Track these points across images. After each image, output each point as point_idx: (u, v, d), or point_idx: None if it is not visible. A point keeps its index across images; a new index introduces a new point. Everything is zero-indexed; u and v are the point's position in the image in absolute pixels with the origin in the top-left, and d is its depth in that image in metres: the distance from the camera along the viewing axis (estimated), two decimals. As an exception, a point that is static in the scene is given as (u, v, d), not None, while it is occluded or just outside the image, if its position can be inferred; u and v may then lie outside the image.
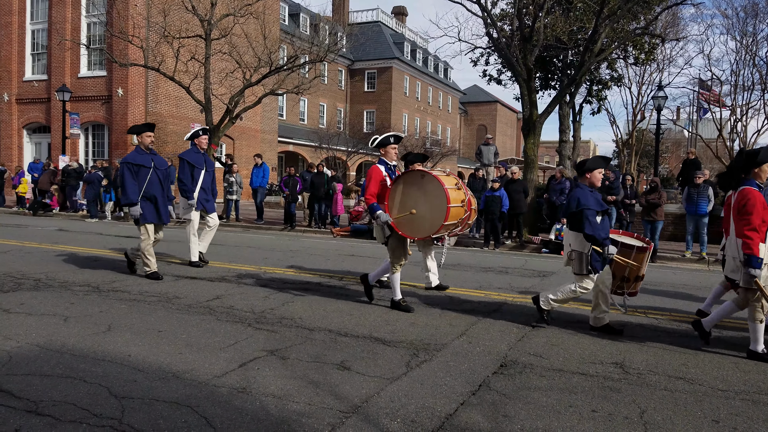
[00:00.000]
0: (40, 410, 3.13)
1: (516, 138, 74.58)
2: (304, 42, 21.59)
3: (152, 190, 7.32)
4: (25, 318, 5.10)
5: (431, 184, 5.90)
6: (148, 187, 7.28)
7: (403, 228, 5.94)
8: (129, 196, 7.16)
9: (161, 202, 7.40)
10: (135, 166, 7.26)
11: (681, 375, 4.17)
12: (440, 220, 5.81)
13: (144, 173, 7.27)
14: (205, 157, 8.51)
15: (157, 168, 7.42)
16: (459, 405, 3.44)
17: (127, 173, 7.21)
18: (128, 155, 7.44)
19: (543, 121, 15.12)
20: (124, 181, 7.20)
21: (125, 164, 7.27)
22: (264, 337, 4.75)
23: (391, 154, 6.33)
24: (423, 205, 5.89)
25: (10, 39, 28.04)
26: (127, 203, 7.21)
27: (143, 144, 7.40)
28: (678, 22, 31.66)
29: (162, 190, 7.46)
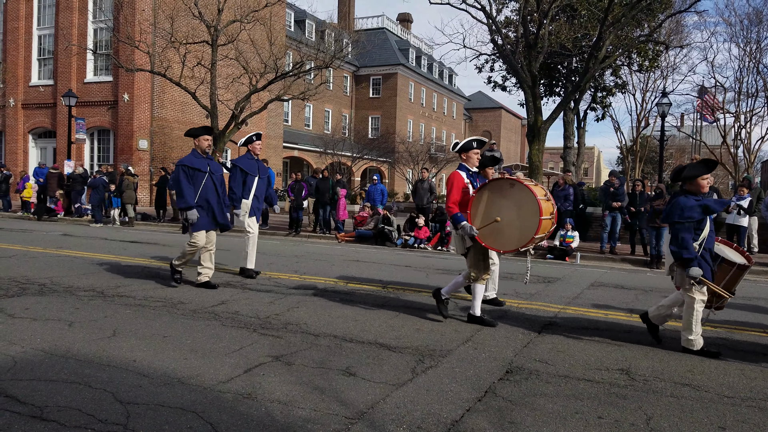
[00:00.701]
0: (45, 416, 3.12)
1: (520, 144, 74.60)
2: (310, 48, 21.69)
3: (207, 196, 7.01)
4: (30, 323, 5.11)
5: (522, 194, 5.42)
6: (203, 192, 6.97)
7: (487, 240, 5.55)
8: (186, 199, 6.82)
9: (216, 208, 7.10)
10: (191, 170, 6.94)
11: (687, 381, 4.15)
12: (531, 233, 5.36)
13: (200, 177, 6.98)
14: (258, 163, 8.16)
15: (212, 173, 7.12)
16: (465, 411, 3.42)
17: (183, 176, 6.89)
18: (184, 158, 7.13)
19: (547, 127, 15.13)
20: (180, 185, 6.85)
21: (181, 167, 6.94)
22: (269, 342, 4.75)
23: (474, 160, 5.92)
24: (512, 216, 5.45)
25: (17, 44, 28.24)
26: (184, 207, 6.85)
27: (200, 147, 7.10)
28: (682, 29, 31.72)
29: (217, 197, 7.15)
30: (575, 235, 13.10)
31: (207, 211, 7.02)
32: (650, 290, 8.43)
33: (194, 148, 7.13)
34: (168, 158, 25.53)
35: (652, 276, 10.37)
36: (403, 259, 11.34)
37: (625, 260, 12.46)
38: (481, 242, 5.55)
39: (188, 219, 6.85)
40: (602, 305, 7.00)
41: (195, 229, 6.95)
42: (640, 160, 40.11)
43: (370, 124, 48.91)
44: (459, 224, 5.54)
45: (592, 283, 8.86)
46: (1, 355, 4.15)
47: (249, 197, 7.96)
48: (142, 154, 25.75)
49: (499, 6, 21.17)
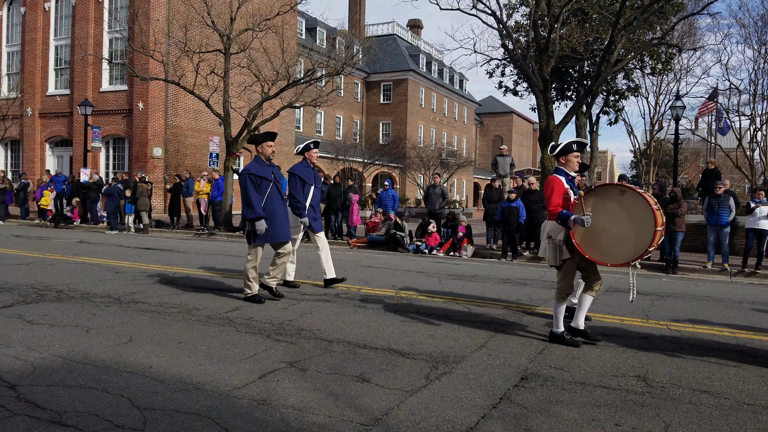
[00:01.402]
0: (63, 421, 3.16)
1: (532, 149, 74.35)
2: (322, 56, 21.80)
3: (273, 205, 6.70)
4: (48, 329, 5.17)
5: (635, 202, 4.96)
6: (268, 201, 6.66)
7: (591, 252, 5.09)
8: (256, 210, 6.51)
9: (281, 219, 6.78)
10: (258, 178, 6.61)
11: (705, 388, 4.11)
12: (645, 245, 4.89)
13: (265, 186, 6.65)
14: (314, 171, 7.85)
15: (277, 181, 6.79)
16: (480, 418, 3.41)
17: (251, 185, 6.56)
18: (249, 166, 6.73)
19: (560, 131, 15.08)
20: (248, 194, 6.52)
21: (248, 175, 6.58)
22: (283, 348, 4.77)
23: (573, 164, 5.44)
24: (622, 226, 4.99)
25: (34, 55, 28.65)
26: (253, 218, 6.52)
27: (263, 155, 6.77)
28: (695, 31, 31.50)
29: (283, 206, 6.88)
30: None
31: (272, 221, 6.69)
32: (666, 296, 8.36)
33: (257, 155, 6.82)
34: (182, 166, 25.72)
35: (668, 281, 10.29)
36: (416, 265, 11.34)
37: (640, 265, 12.35)
38: (584, 254, 5.11)
39: (256, 230, 6.53)
40: (618, 311, 6.95)
41: (258, 241, 6.67)
42: (654, 164, 39.83)
43: (381, 130, 48.98)
44: (569, 218, 5.00)
45: (607, 289, 8.79)
46: (20, 360, 4.20)
47: (306, 206, 7.71)
48: (156, 161, 25.97)
49: (509, 11, 21.19)
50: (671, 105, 21.29)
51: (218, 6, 19.60)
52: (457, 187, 55.97)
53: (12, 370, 3.97)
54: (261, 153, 6.80)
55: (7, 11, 30.47)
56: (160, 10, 25.45)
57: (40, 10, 28.59)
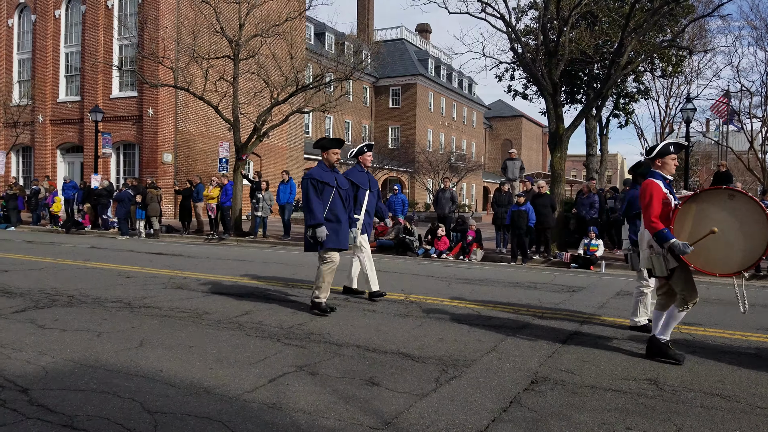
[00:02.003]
0: (75, 425, 3.18)
1: (542, 152, 74.15)
2: (330, 61, 21.86)
3: (336, 212, 6.49)
4: (60, 333, 5.20)
5: (747, 207, 4.65)
6: (331, 207, 6.46)
7: (696, 261, 4.75)
8: (316, 215, 6.28)
9: (344, 225, 6.56)
10: (320, 183, 6.43)
11: (717, 392, 4.07)
12: (758, 253, 4.59)
13: (328, 192, 6.46)
14: (369, 175, 7.58)
15: (339, 187, 6.61)
16: (490, 422, 3.40)
17: (312, 190, 6.38)
18: (312, 170, 6.57)
19: (569, 134, 15.03)
20: (309, 199, 6.34)
21: (309, 180, 6.42)
22: (293, 352, 4.77)
23: (671, 166, 5.10)
24: (731, 233, 4.68)
25: (45, 62, 28.94)
26: (314, 224, 6.27)
27: (328, 161, 6.59)
28: (705, 34, 31.29)
29: (345, 212, 6.64)
30: (599, 244, 12.96)
31: (337, 227, 6.47)
32: (677, 299, 8.28)
33: (321, 160, 6.66)
34: (192, 171, 25.87)
35: (678, 284, 10.20)
36: (425, 269, 11.32)
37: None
38: (690, 264, 4.76)
39: (317, 236, 6.28)
40: (628, 315, 6.89)
41: (329, 244, 6.40)
42: (664, 167, 39.55)
43: (390, 135, 49.05)
44: (668, 242, 4.68)
45: (618, 292, 8.74)
46: (32, 365, 4.23)
47: (361, 212, 7.44)
48: (166, 167, 26.13)
49: (518, 15, 21.16)
50: (682, 107, 21.19)
51: (227, 12, 19.72)
52: (466, 191, 55.90)
53: (24, 374, 4.00)
54: (326, 159, 6.60)
55: (18, 19, 30.81)
56: (169, 17, 25.64)
57: (50, 17, 28.89)
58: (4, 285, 7.85)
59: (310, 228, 6.32)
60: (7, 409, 3.36)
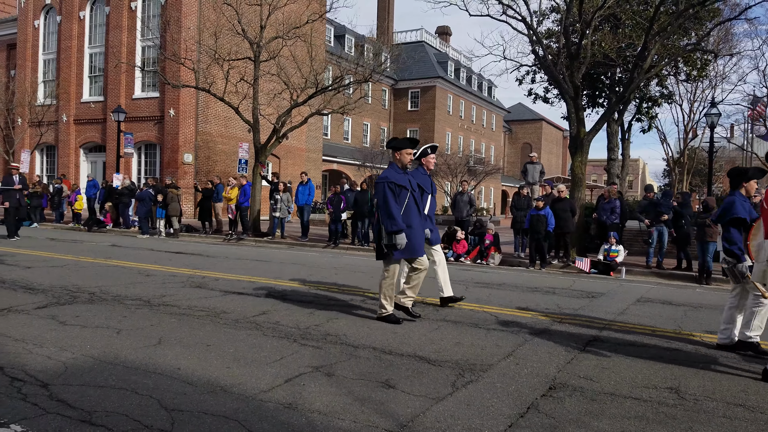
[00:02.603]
0: (93, 420, 3.20)
1: (562, 156, 73.60)
2: (350, 63, 21.92)
3: (410, 217, 6.11)
4: (80, 330, 5.26)
5: None
6: (405, 212, 6.08)
7: None
8: (398, 221, 5.90)
9: (419, 231, 6.22)
10: (397, 187, 6.05)
11: (740, 402, 3.99)
12: None
13: (404, 195, 6.10)
14: (430, 178, 7.15)
15: (413, 190, 6.23)
16: (507, 427, 3.36)
17: (390, 194, 5.99)
18: (387, 173, 6.17)
19: (591, 138, 14.88)
20: (388, 204, 5.93)
21: (386, 183, 6.03)
22: (309, 353, 4.77)
23: None
24: None
25: (70, 62, 29.40)
26: (394, 230, 5.88)
27: (401, 162, 6.22)
28: (731, 37, 30.80)
29: (419, 218, 6.29)
30: (620, 250, 12.81)
31: (411, 233, 6.08)
32: (700, 306, 8.16)
33: (393, 161, 6.29)
34: (212, 172, 26.08)
35: (701, 292, 10.05)
36: (443, 272, 11.26)
37: (673, 276, 12.11)
38: None
39: (396, 244, 5.90)
40: (649, 322, 6.81)
41: (397, 255, 6.07)
42: (687, 173, 39.06)
43: (409, 137, 49.02)
44: None
45: (639, 299, 8.63)
46: (53, 360, 4.28)
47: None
48: (187, 167, 26.38)
49: (540, 18, 21.04)
50: (706, 112, 20.90)
51: (248, 14, 19.85)
52: (485, 195, 55.67)
53: (45, 370, 4.05)
54: (399, 160, 6.23)
55: (44, 20, 31.35)
56: (191, 19, 25.91)
57: (75, 18, 29.35)
58: (27, 281, 7.97)
59: (390, 234, 5.91)
60: (28, 404, 3.40)
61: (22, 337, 4.93)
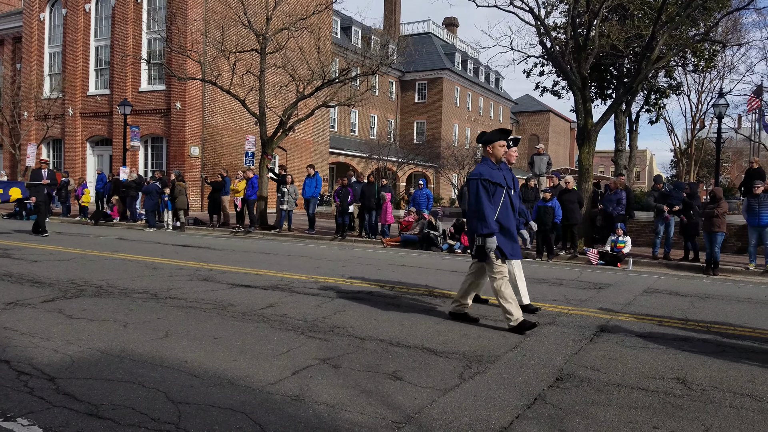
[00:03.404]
0: (100, 413, 3.21)
1: (569, 147, 73.29)
2: (357, 55, 21.88)
3: (507, 218, 5.58)
4: (87, 323, 5.29)
5: None
6: (502, 212, 5.53)
7: None
8: (490, 224, 5.35)
9: (512, 233, 5.65)
10: (492, 185, 5.49)
11: (747, 392, 3.96)
12: None
13: (499, 195, 5.52)
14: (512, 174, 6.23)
15: (509, 187, 5.68)
16: (514, 418, 3.36)
17: (484, 193, 5.44)
18: (480, 169, 5.61)
19: (598, 129, 14.79)
20: (482, 204, 5.40)
21: (480, 181, 5.48)
22: (316, 345, 4.78)
23: None
24: None
25: (75, 56, 29.43)
26: (487, 233, 5.35)
27: (495, 156, 5.65)
28: (739, 27, 30.51)
29: (514, 218, 5.76)
30: (627, 241, 12.75)
31: (508, 235, 5.58)
32: (707, 297, 8.12)
33: (486, 156, 5.71)
34: (218, 165, 26.12)
35: (708, 282, 10.00)
36: (450, 264, 11.26)
37: (680, 266, 12.06)
38: None
39: (486, 248, 5.38)
40: (656, 312, 6.78)
41: (498, 256, 5.51)
42: (695, 164, 38.82)
43: (416, 129, 48.91)
44: None
45: (645, 290, 8.59)
46: (59, 354, 4.30)
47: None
48: (193, 160, 26.42)
49: (548, 9, 20.86)
50: (714, 103, 20.72)
51: (254, 6, 19.80)
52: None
53: (52, 363, 4.07)
54: (492, 154, 5.66)
55: (49, 13, 31.37)
56: (197, 11, 25.87)
57: (80, 11, 29.35)
58: (34, 275, 8.01)
59: (481, 237, 5.41)
60: (35, 397, 3.42)
61: (28, 330, 4.96)
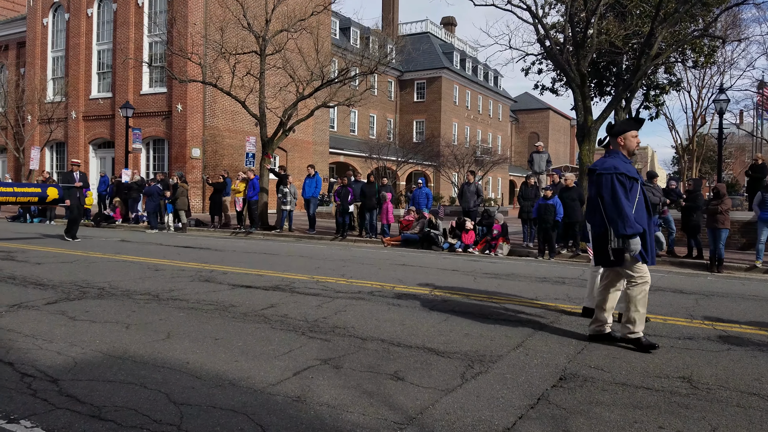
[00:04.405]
0: (103, 415, 3.21)
1: (569, 145, 73.21)
2: (355, 55, 21.87)
3: (643, 217, 4.94)
4: (90, 325, 5.28)
5: None
6: (639, 210, 4.91)
7: None
8: (633, 223, 4.76)
9: (651, 233, 5.03)
10: (629, 180, 4.90)
11: (755, 390, 3.94)
12: None
13: (635, 191, 4.92)
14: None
15: (643, 183, 5.13)
16: (517, 418, 3.34)
17: (620, 189, 4.85)
18: (614, 161, 4.97)
19: (598, 126, 14.77)
20: (619, 201, 4.79)
21: (615, 176, 4.88)
22: (317, 345, 4.77)
23: None
24: None
25: (78, 60, 29.49)
26: (631, 233, 4.75)
27: (627, 148, 5.08)
28: (739, 23, 30.47)
29: (650, 217, 5.06)
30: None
31: (645, 236, 4.95)
32: (711, 295, 8.09)
33: (616, 149, 5.11)
34: (219, 166, 26.12)
35: (712, 280, 9.97)
36: (450, 264, 11.25)
37: (683, 264, 12.02)
38: None
39: (630, 249, 4.81)
40: (660, 310, 6.75)
41: (640, 259, 4.97)
42: (697, 160, 38.76)
43: (415, 128, 48.89)
44: None
45: (649, 287, 8.56)
46: (62, 356, 4.29)
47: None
48: (195, 162, 26.43)
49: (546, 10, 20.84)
50: (715, 98, 20.70)
51: (254, 8, 19.82)
52: (492, 185, 55.50)
53: (54, 365, 4.06)
54: (623, 146, 5.09)
55: (52, 18, 31.43)
56: (197, 14, 25.88)
57: (83, 15, 29.39)
58: (37, 277, 8.01)
59: (622, 238, 4.81)
60: (38, 399, 3.41)
61: (32, 332, 4.95)
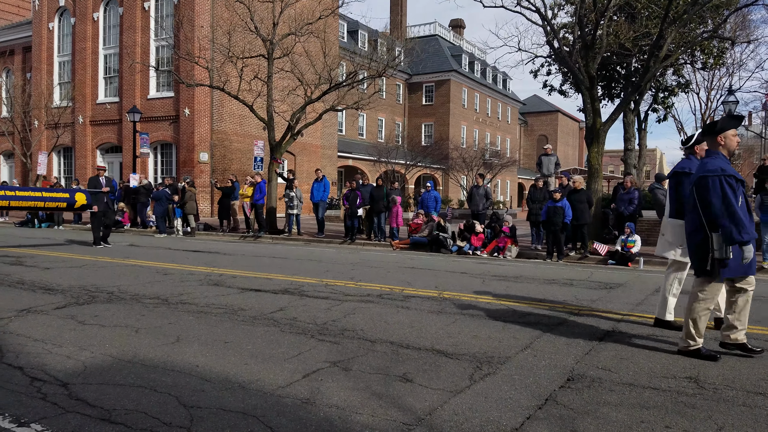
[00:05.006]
0: (113, 418, 3.24)
1: (578, 147, 73.00)
2: (363, 58, 21.92)
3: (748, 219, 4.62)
4: (99, 329, 5.32)
5: None
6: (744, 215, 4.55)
7: None
8: (748, 228, 4.42)
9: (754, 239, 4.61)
10: (736, 182, 4.52)
11: (761, 390, 3.93)
12: None
13: (739, 194, 4.54)
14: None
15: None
16: (525, 419, 3.35)
17: (731, 192, 4.46)
18: (719, 162, 4.60)
19: (607, 129, 14.73)
20: (731, 205, 4.42)
21: (723, 178, 4.49)
22: (327, 348, 4.78)
23: None
24: None
25: (85, 64, 29.67)
26: (746, 240, 4.40)
27: (728, 148, 4.73)
28: (748, 24, 30.31)
29: (752, 222, 4.64)
30: (636, 240, 12.68)
31: None
32: (720, 296, 8.04)
33: (715, 149, 4.75)
34: (227, 170, 26.24)
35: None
36: (459, 266, 11.25)
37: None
38: None
39: (745, 256, 4.46)
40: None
41: (727, 274, 4.64)
42: (705, 162, 38.50)
43: (424, 132, 48.91)
44: None
45: (657, 289, 8.53)
46: (72, 360, 4.33)
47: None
48: (203, 166, 26.55)
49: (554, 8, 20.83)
50: (723, 100, 20.59)
51: (261, 11, 19.89)
52: (501, 188, 55.40)
53: (64, 369, 4.10)
54: (724, 146, 4.72)
55: (58, 22, 31.66)
56: (204, 17, 26.01)
57: (89, 20, 29.60)
58: (46, 282, 8.08)
59: (734, 245, 4.46)
60: (48, 403, 3.45)
61: (41, 337, 5.00)
